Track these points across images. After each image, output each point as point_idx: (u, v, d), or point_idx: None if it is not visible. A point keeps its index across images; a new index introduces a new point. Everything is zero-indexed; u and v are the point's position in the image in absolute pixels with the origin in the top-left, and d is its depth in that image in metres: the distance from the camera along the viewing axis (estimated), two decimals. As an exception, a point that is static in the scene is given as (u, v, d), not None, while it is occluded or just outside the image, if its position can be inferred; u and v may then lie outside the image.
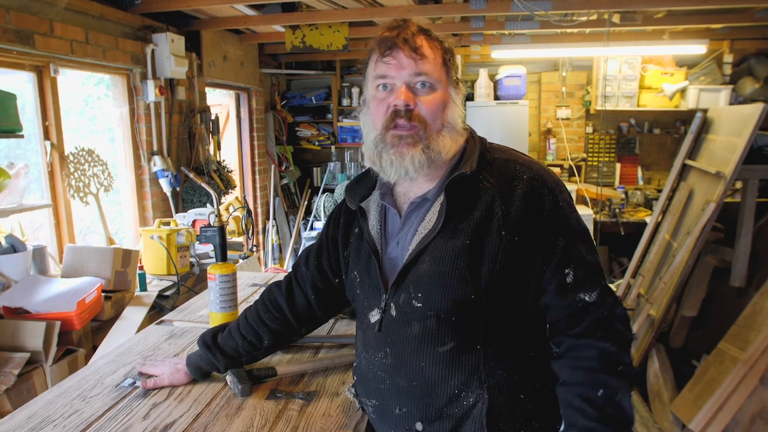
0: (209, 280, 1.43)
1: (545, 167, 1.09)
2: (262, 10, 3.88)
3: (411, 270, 1.05)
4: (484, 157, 1.08)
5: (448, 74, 1.06)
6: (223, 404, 1.25)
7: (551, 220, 1.01)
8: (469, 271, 1.00)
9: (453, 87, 1.07)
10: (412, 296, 1.04)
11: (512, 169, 1.05)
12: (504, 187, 1.03)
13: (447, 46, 1.07)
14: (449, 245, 1.02)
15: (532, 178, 1.04)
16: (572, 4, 3.66)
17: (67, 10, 2.85)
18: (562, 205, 1.03)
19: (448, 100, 1.06)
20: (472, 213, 1.03)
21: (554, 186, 1.05)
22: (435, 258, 1.03)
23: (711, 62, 5.50)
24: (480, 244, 1.01)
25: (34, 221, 3.06)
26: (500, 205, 1.01)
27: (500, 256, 1.00)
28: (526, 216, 1.01)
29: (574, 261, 1.01)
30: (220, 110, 5.07)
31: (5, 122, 2.34)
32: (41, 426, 1.16)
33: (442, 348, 1.03)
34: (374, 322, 1.11)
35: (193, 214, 3.51)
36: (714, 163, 3.48)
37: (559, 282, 1.01)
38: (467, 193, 1.04)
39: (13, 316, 2.32)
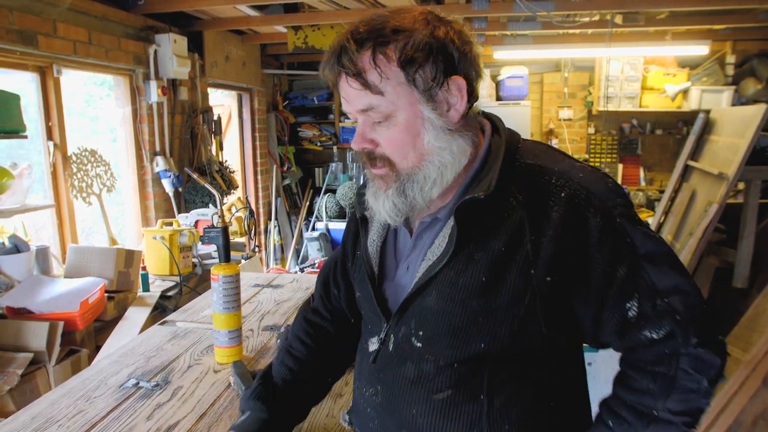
0: (212, 280, 1.43)
1: (592, 171, 0.84)
2: (265, 11, 3.89)
3: (415, 302, 0.87)
4: (511, 163, 0.84)
5: (418, 90, 0.80)
6: (226, 405, 1.25)
7: (603, 247, 0.79)
8: (483, 315, 0.81)
9: (429, 102, 0.81)
10: (413, 333, 0.87)
11: (546, 182, 0.81)
12: (535, 208, 0.80)
13: (413, 48, 0.78)
14: (460, 280, 0.81)
15: (572, 195, 0.80)
16: (574, 5, 3.66)
17: (70, 10, 2.85)
18: (619, 222, 0.79)
19: (419, 126, 0.82)
20: (491, 241, 0.81)
21: (605, 199, 0.80)
22: (443, 293, 0.83)
23: (713, 63, 5.50)
24: (500, 283, 0.80)
25: (37, 221, 3.06)
26: (530, 234, 0.79)
27: (528, 302, 0.79)
28: (566, 249, 0.78)
29: (640, 291, 0.79)
30: (223, 111, 5.08)
31: (8, 122, 2.34)
32: (45, 426, 1.16)
33: (437, 395, 0.85)
34: (371, 351, 0.94)
35: (196, 215, 3.52)
36: (716, 164, 3.48)
37: (618, 319, 0.80)
38: (487, 213, 0.82)
39: (16, 316, 2.33)
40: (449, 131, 0.83)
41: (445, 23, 0.82)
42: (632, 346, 0.83)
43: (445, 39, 0.80)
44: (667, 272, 0.79)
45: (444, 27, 0.81)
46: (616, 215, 0.79)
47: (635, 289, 0.79)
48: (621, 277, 0.79)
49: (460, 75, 0.81)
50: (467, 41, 0.83)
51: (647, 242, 0.80)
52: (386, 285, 0.94)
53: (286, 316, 1.82)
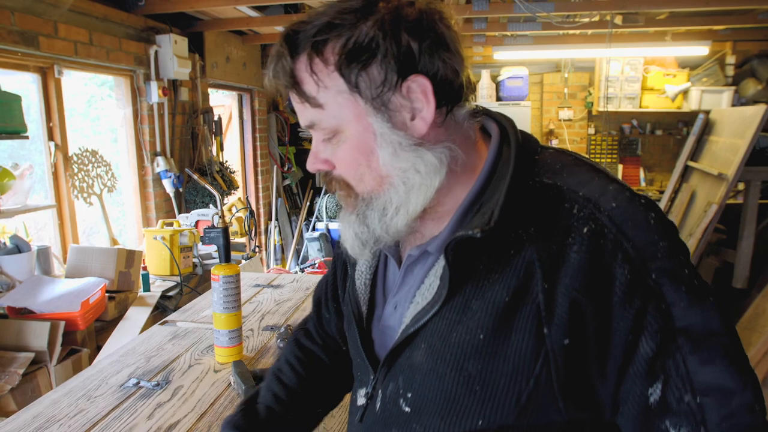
0: (213, 281, 1.44)
1: (631, 200, 0.62)
2: (265, 12, 3.90)
3: (403, 354, 0.70)
4: (522, 183, 0.64)
5: (363, 98, 0.63)
6: (227, 404, 1.26)
7: (627, 309, 0.58)
8: (481, 383, 0.63)
9: (380, 111, 0.64)
10: (401, 393, 0.70)
11: (566, 212, 0.62)
12: (550, 247, 0.61)
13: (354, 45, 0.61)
14: (454, 335, 0.64)
15: (597, 232, 0.60)
16: (574, 6, 3.67)
17: (71, 11, 2.86)
18: (655, 280, 0.58)
19: (371, 142, 0.65)
20: (493, 286, 0.62)
21: (642, 243, 0.59)
22: (433, 349, 0.66)
23: (713, 63, 5.50)
24: (503, 343, 0.61)
25: (38, 222, 3.07)
26: (542, 282, 0.60)
27: (539, 369, 0.61)
28: (586, 304, 0.59)
29: (670, 377, 0.58)
30: (223, 111, 5.09)
31: (10, 123, 2.35)
32: (47, 425, 1.17)
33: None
34: (359, 405, 0.79)
35: (196, 215, 3.52)
36: (716, 165, 3.49)
37: (639, 403, 0.60)
38: (488, 249, 0.63)
39: (17, 316, 2.34)
40: (413, 146, 0.65)
41: (406, 4, 0.63)
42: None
43: (400, 26, 0.61)
44: (712, 361, 0.57)
45: (402, 10, 0.62)
46: (652, 269, 0.58)
47: (662, 371, 0.58)
48: (645, 353, 0.58)
49: (422, 73, 0.62)
50: (434, 24, 0.63)
51: (692, 313, 0.58)
52: (374, 325, 0.79)
53: (286, 316, 1.82)
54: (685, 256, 0.61)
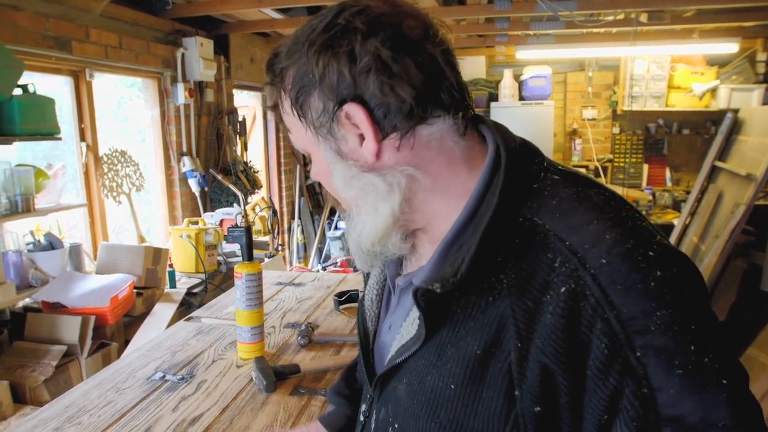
0: (236, 278, 1.48)
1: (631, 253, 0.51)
2: (288, 14, 3.95)
3: (391, 382, 0.67)
4: (510, 218, 0.57)
5: (309, 127, 0.62)
6: (248, 399, 1.30)
7: (602, 386, 0.51)
8: None
9: (328, 139, 0.62)
10: (390, 422, 0.66)
11: (546, 263, 0.54)
12: (525, 303, 0.54)
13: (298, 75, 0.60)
14: (428, 379, 0.60)
15: (574, 294, 0.51)
16: (597, 4, 3.63)
17: (102, 16, 2.95)
18: (638, 358, 0.49)
19: (325, 167, 0.65)
20: (467, 336, 0.57)
21: (632, 313, 0.50)
22: (412, 388, 0.62)
23: (743, 61, 5.38)
24: (473, 398, 0.56)
25: (70, 220, 3.18)
26: (515, 339, 0.54)
27: (509, 431, 0.55)
28: (556, 372, 0.52)
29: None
30: (247, 112, 5.16)
31: (44, 125, 2.44)
32: (78, 415, 1.22)
33: None
34: (361, 420, 0.77)
35: (221, 214, 3.60)
36: (745, 165, 3.42)
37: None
38: (465, 294, 0.58)
39: (51, 310, 2.43)
40: (363, 173, 0.61)
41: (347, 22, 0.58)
42: None
43: (335, 57, 0.57)
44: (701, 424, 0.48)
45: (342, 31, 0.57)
46: (638, 345, 0.49)
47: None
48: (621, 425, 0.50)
49: (356, 100, 0.58)
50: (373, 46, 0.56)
51: (688, 402, 0.49)
52: (375, 342, 0.76)
53: (307, 314, 1.86)
54: (697, 327, 0.50)
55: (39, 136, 2.43)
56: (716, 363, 0.49)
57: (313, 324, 1.71)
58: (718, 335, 0.51)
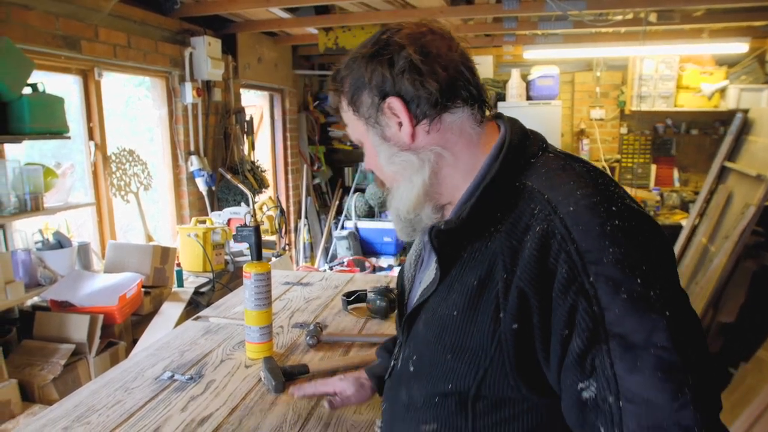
0: (245, 278, 1.48)
1: (594, 206, 0.67)
2: (296, 13, 3.95)
3: (413, 325, 0.84)
4: (508, 183, 0.74)
5: (362, 119, 0.82)
6: (257, 399, 1.30)
7: (563, 304, 0.64)
8: (452, 353, 0.74)
9: (373, 128, 0.81)
10: (411, 356, 0.83)
11: (528, 212, 0.70)
12: (511, 243, 0.69)
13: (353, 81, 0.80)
14: (439, 310, 0.76)
15: (546, 232, 0.66)
16: (607, 4, 3.61)
17: (111, 16, 2.96)
18: (591, 282, 0.63)
19: (372, 150, 0.84)
20: (468, 273, 0.73)
21: (587, 247, 0.64)
22: (428, 321, 0.79)
23: (753, 61, 5.33)
24: (469, 322, 0.72)
25: (78, 218, 3.19)
26: (502, 272, 0.69)
27: (494, 348, 0.70)
28: (530, 295, 0.66)
29: (599, 376, 0.63)
30: (255, 111, 5.17)
31: (54, 124, 2.45)
32: (87, 414, 1.22)
33: (424, 426, 0.81)
34: (390, 366, 0.94)
35: (228, 213, 3.60)
36: (755, 166, 3.39)
37: (572, 396, 0.66)
38: (469, 239, 0.75)
39: (59, 309, 2.44)
40: (401, 152, 0.80)
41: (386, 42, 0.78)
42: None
43: (379, 65, 0.77)
44: (644, 372, 0.60)
45: (383, 48, 0.78)
46: (591, 272, 0.63)
47: (593, 369, 0.63)
48: (575, 348, 0.64)
49: (395, 95, 0.77)
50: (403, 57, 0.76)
51: (630, 321, 0.61)
52: (409, 297, 0.92)
53: (315, 313, 1.86)
54: (647, 266, 0.63)
55: (48, 135, 2.43)
56: (661, 298, 0.62)
57: (322, 324, 1.71)
58: (671, 284, 0.65)
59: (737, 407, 2.53)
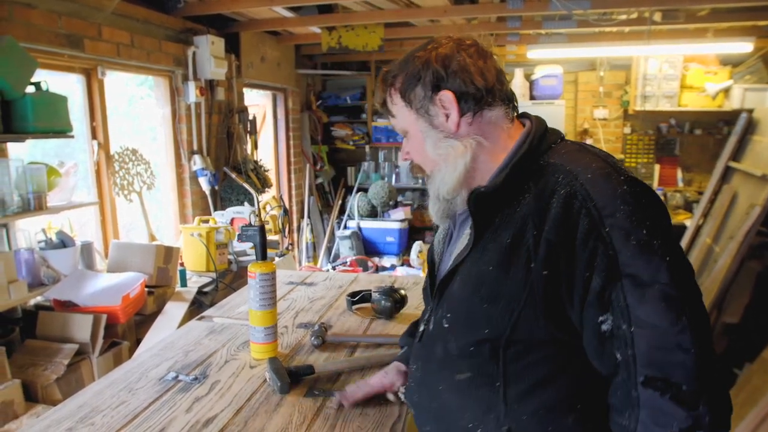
0: (249, 278, 1.46)
1: (608, 175, 0.83)
2: (299, 12, 3.94)
3: (447, 287, 0.97)
4: (533, 162, 0.90)
5: (413, 109, 0.96)
6: (262, 400, 1.29)
7: (585, 251, 0.80)
8: (488, 302, 0.87)
9: (423, 117, 0.95)
10: (444, 315, 0.97)
11: (553, 181, 0.85)
12: (539, 205, 0.84)
13: (407, 77, 0.95)
14: (475, 269, 0.90)
15: (570, 194, 0.82)
16: (612, 3, 3.59)
17: (114, 14, 2.96)
18: (608, 232, 0.78)
19: (420, 137, 0.97)
20: (502, 233, 0.87)
21: (604, 204, 0.79)
22: (463, 280, 0.93)
23: (757, 60, 5.31)
24: (504, 274, 0.85)
25: (81, 218, 3.18)
26: (532, 230, 0.83)
27: (526, 293, 0.83)
28: (557, 245, 0.81)
29: (615, 309, 0.78)
30: (258, 110, 5.17)
31: (57, 123, 2.44)
32: (91, 415, 1.21)
33: (459, 375, 0.94)
34: (420, 332, 1.07)
35: (232, 212, 3.59)
36: (760, 166, 3.38)
37: (592, 329, 0.81)
38: (499, 210, 0.89)
39: (62, 309, 2.43)
40: (447, 138, 0.95)
41: (438, 46, 0.95)
42: (607, 373, 0.82)
43: (432, 63, 0.93)
44: (651, 303, 0.76)
45: (435, 51, 0.94)
46: (606, 223, 0.79)
47: (610, 304, 0.79)
48: (596, 287, 0.79)
49: (447, 89, 0.93)
50: (455, 57, 0.93)
51: (639, 262, 0.77)
52: (439, 269, 1.08)
53: (320, 313, 1.85)
54: (651, 222, 0.79)
55: (52, 134, 2.42)
56: (662, 246, 0.78)
57: (326, 324, 1.69)
58: (669, 236, 0.80)
59: (743, 408, 2.52)
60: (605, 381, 0.84)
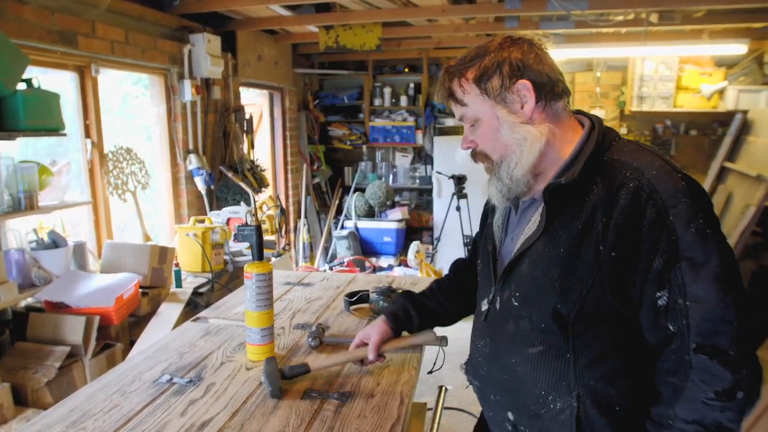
0: (246, 278, 1.44)
1: (669, 171, 0.95)
2: (297, 11, 3.91)
3: (515, 268, 1.08)
4: (599, 158, 1.01)
5: (490, 97, 1.04)
6: (259, 403, 1.26)
7: (650, 236, 0.92)
8: (560, 281, 0.99)
9: (501, 104, 1.03)
10: (513, 294, 1.08)
11: (621, 176, 0.96)
12: (609, 196, 0.96)
13: (483, 68, 1.03)
14: (547, 251, 1.01)
15: (638, 187, 0.94)
16: (609, 3, 3.59)
17: (109, 11, 2.92)
18: (671, 220, 0.91)
19: (496, 124, 1.04)
20: (573, 222, 0.99)
21: (667, 197, 0.92)
22: (533, 261, 1.04)
23: (751, 62, 5.33)
24: (576, 256, 0.97)
25: (74, 217, 3.14)
26: (601, 217, 0.95)
27: (595, 272, 0.96)
28: (624, 230, 0.93)
29: (672, 286, 0.91)
30: (254, 110, 5.13)
31: (49, 121, 2.40)
32: (82, 419, 1.19)
33: (532, 349, 1.05)
34: (483, 311, 1.18)
35: (228, 212, 3.56)
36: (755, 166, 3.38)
37: (650, 304, 0.94)
38: (571, 200, 1.00)
39: (54, 310, 2.39)
40: (523, 124, 1.03)
41: (513, 42, 1.04)
42: (658, 343, 0.96)
43: (509, 56, 1.02)
44: (704, 281, 0.89)
45: (510, 46, 1.04)
46: (670, 213, 0.91)
47: (668, 282, 0.91)
48: (657, 267, 0.92)
49: (525, 78, 1.02)
50: (530, 52, 1.03)
51: (696, 247, 0.90)
52: (499, 253, 1.17)
53: (317, 314, 1.82)
54: (704, 213, 0.92)
55: (44, 132, 2.39)
56: (714, 235, 0.91)
57: (324, 325, 1.68)
58: (718, 227, 0.93)
59: (741, 410, 2.51)
60: (654, 351, 0.98)
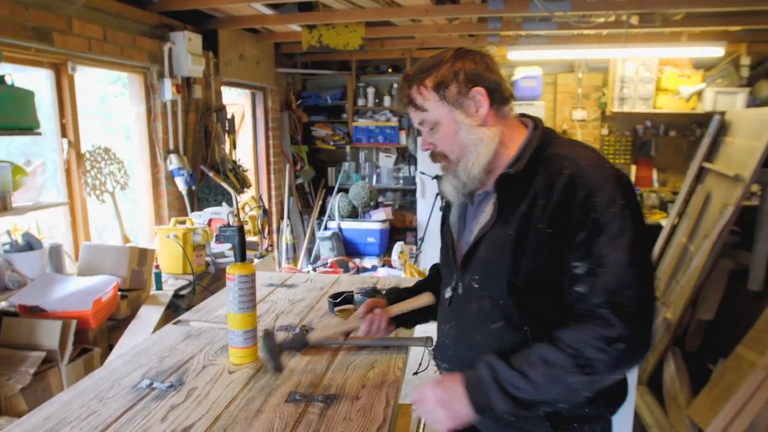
0: (228, 280, 1.42)
1: (598, 161, 1.10)
2: (280, 10, 3.88)
3: (473, 255, 1.19)
4: (541, 153, 1.14)
5: (448, 103, 1.14)
6: (242, 407, 1.24)
7: (578, 213, 1.05)
8: (511, 260, 1.11)
9: (458, 109, 1.14)
10: (473, 278, 1.19)
11: (559, 165, 1.10)
12: (547, 182, 1.09)
13: (440, 76, 1.14)
14: (499, 235, 1.14)
15: (573, 174, 1.07)
16: (591, 5, 3.62)
17: (86, 7, 2.86)
18: (597, 200, 1.04)
19: (455, 127, 1.15)
20: (520, 206, 1.11)
21: (596, 182, 1.05)
22: (489, 246, 1.16)
23: (728, 65, 5.43)
24: (523, 236, 1.10)
25: (50, 219, 3.07)
26: (542, 200, 1.08)
27: (539, 248, 1.08)
28: (558, 210, 1.06)
29: (592, 256, 1.04)
30: (236, 109, 5.08)
31: (23, 119, 2.34)
32: (58, 427, 1.15)
33: (493, 325, 1.17)
34: (447, 297, 1.29)
35: (209, 213, 3.52)
36: (732, 167, 3.43)
37: (571, 274, 1.07)
38: (518, 188, 1.12)
39: (29, 314, 2.33)
40: (478, 126, 1.15)
41: (465, 53, 1.16)
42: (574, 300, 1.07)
43: (463, 65, 1.14)
44: (617, 252, 1.02)
45: (464, 57, 1.15)
46: (596, 195, 1.04)
47: (587, 254, 1.04)
48: (580, 239, 1.05)
49: (480, 86, 1.14)
50: (481, 62, 1.16)
51: (614, 224, 1.03)
52: (458, 247, 1.28)
53: (300, 315, 1.80)
54: (625, 197, 1.05)
55: (17, 131, 2.33)
56: (631, 216, 1.04)
57: (308, 326, 1.66)
58: (637, 210, 1.07)
59: (717, 403, 2.54)
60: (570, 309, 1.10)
